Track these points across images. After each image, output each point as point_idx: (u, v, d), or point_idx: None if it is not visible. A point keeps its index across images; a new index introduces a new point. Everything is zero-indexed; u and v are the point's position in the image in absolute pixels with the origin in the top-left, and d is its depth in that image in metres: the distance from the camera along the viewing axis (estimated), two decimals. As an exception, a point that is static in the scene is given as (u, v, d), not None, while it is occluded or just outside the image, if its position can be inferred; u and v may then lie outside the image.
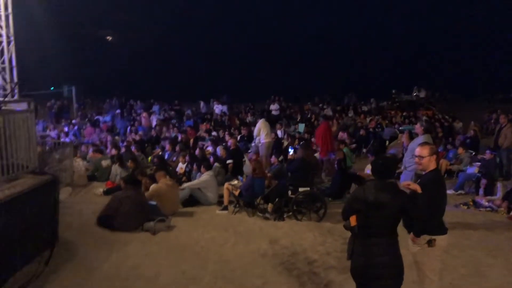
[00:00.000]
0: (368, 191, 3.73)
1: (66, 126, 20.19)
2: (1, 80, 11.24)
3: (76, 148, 12.84)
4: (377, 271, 3.69)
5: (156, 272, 5.74)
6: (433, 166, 4.25)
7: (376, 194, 3.67)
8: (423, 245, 4.11)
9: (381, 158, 4.14)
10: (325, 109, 23.87)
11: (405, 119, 19.81)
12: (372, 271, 3.70)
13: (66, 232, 6.98)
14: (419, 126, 7.99)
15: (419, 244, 4.13)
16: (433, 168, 4.24)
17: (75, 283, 5.39)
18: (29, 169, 6.25)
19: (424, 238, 4.09)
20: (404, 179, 7.70)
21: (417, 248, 4.16)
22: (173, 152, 13.04)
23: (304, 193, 8.28)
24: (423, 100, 24.95)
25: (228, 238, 7.13)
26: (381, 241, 3.72)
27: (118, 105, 27.54)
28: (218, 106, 24.88)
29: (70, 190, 10.02)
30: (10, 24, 11.02)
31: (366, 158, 13.42)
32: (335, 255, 6.34)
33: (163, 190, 8.31)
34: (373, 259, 3.69)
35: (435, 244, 4.08)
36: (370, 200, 3.66)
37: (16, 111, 6.43)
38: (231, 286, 5.37)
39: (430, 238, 4.08)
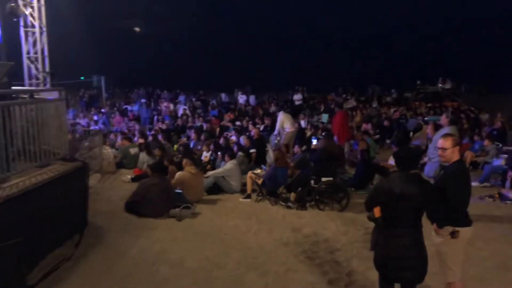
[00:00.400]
0: (393, 183, 3.72)
1: (95, 115, 20.62)
2: (33, 70, 11.58)
3: (105, 136, 13.15)
4: (401, 262, 3.70)
5: (181, 257, 5.89)
6: (457, 157, 4.20)
7: (402, 186, 3.66)
8: (446, 236, 4.09)
9: (403, 150, 4.13)
10: (348, 100, 23.65)
11: (430, 110, 19.47)
12: (396, 262, 3.72)
13: (95, 217, 7.20)
14: (444, 117, 7.90)
15: (442, 235, 4.11)
16: (456, 159, 4.19)
17: (104, 266, 5.57)
18: (60, 156, 6.42)
19: (447, 229, 4.07)
20: (429, 170, 7.66)
21: (440, 239, 4.15)
22: (198, 141, 13.21)
23: (326, 183, 8.31)
24: (449, 92, 24.38)
25: (251, 226, 7.23)
26: (406, 232, 3.72)
27: (145, 95, 27.95)
28: (243, 96, 24.94)
29: (99, 176, 10.27)
30: (42, 15, 11.32)
31: (389, 149, 13.31)
32: (357, 245, 6.37)
33: (188, 178, 8.46)
34: (397, 250, 3.71)
35: (458, 235, 4.04)
36: (396, 192, 3.65)
37: (48, 100, 6.61)
38: (254, 273, 5.47)
39: (453, 230, 4.05)
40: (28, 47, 11.48)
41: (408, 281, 3.84)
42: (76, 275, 5.28)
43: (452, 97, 23.81)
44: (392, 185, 3.70)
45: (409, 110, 19.76)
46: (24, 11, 11.09)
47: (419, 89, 25.56)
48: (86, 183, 6.81)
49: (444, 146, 4.18)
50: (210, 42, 46.23)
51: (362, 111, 19.50)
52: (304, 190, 8.45)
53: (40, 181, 5.45)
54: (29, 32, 11.40)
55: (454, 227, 4.06)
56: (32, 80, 11.58)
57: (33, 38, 11.43)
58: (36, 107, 5.97)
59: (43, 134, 6.06)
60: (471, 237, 4.31)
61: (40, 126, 6.00)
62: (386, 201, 3.74)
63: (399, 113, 18.00)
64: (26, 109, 5.96)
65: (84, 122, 17.99)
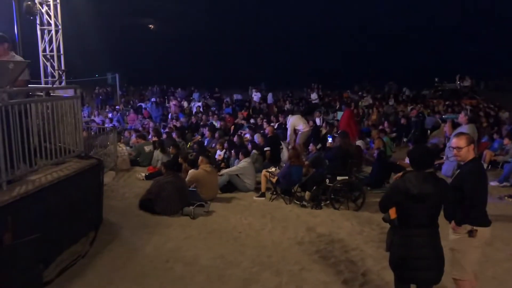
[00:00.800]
0: (410, 183, 3.63)
1: (110, 113, 20.80)
2: (49, 68, 11.69)
3: (119, 134, 13.23)
4: (417, 262, 3.63)
5: (195, 255, 5.88)
6: (472, 156, 4.14)
7: (419, 185, 3.59)
8: (463, 235, 4.04)
9: (417, 149, 4.05)
10: (364, 97, 23.46)
11: (448, 108, 19.20)
12: (412, 262, 3.65)
13: (109, 215, 7.25)
14: (463, 116, 7.77)
15: (460, 233, 4.06)
16: (472, 157, 4.13)
17: (118, 263, 5.59)
18: (75, 154, 6.45)
19: (465, 228, 4.02)
20: (447, 169, 7.53)
21: (456, 236, 4.10)
22: (212, 139, 13.22)
23: (342, 182, 8.22)
24: (468, 89, 23.98)
25: (265, 224, 7.20)
26: (422, 232, 3.65)
27: (159, 92, 28.10)
28: (257, 94, 24.91)
29: (113, 174, 10.34)
30: (58, 14, 11.41)
31: (406, 147, 13.17)
32: (372, 245, 6.29)
33: (202, 176, 8.46)
34: (413, 250, 3.64)
35: (476, 234, 3.99)
36: (413, 192, 3.57)
37: (64, 97, 6.65)
38: (268, 272, 5.43)
39: (471, 228, 4.00)
40: (44, 45, 11.60)
41: (424, 282, 3.77)
42: (91, 272, 5.31)
43: (470, 94, 23.44)
44: (409, 185, 3.62)
45: (426, 107, 19.51)
46: (40, 9, 11.20)
47: (437, 87, 25.20)
48: (101, 181, 6.84)
49: (458, 145, 4.13)
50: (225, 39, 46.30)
51: (379, 109, 19.31)
52: (319, 189, 8.38)
53: (56, 178, 5.48)
54: (45, 30, 11.52)
55: (473, 226, 4.01)
56: (48, 78, 11.71)
57: (48, 36, 11.55)
58: (52, 105, 6.02)
59: (58, 132, 6.09)
60: (489, 238, 4.23)
61: (56, 124, 6.04)
62: (402, 201, 3.67)
63: (417, 111, 17.78)
64: (42, 106, 6.01)
65: (99, 120, 18.16)
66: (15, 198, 4.63)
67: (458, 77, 24.44)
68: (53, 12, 11.32)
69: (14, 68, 4.97)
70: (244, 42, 46.62)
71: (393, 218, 3.76)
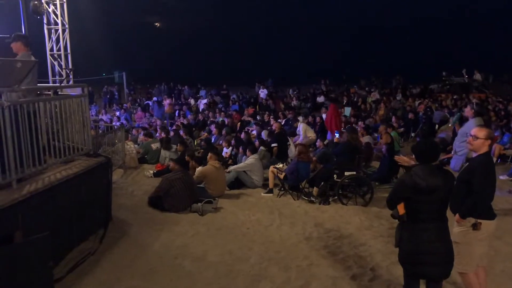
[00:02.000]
0: (417, 177, 3.60)
1: (117, 111, 20.87)
2: (57, 67, 11.76)
3: (127, 132, 13.29)
4: (427, 257, 3.62)
5: (203, 252, 5.90)
6: (485, 150, 4.11)
7: (427, 178, 3.56)
8: (467, 228, 4.04)
9: (422, 143, 4.02)
10: (372, 92, 23.35)
11: (456, 102, 19.03)
12: (421, 257, 3.63)
13: (118, 212, 7.30)
14: (469, 109, 7.68)
15: (464, 226, 4.06)
16: (484, 151, 4.10)
17: (128, 260, 5.62)
18: (84, 152, 6.49)
19: (469, 221, 4.02)
20: (455, 164, 7.48)
21: (460, 229, 4.10)
22: (220, 136, 13.24)
23: (350, 177, 8.20)
24: (478, 83, 23.71)
25: (273, 220, 7.20)
26: (431, 227, 3.63)
27: (167, 90, 28.16)
28: (263, 91, 24.89)
29: (122, 172, 10.39)
30: (65, 13, 11.46)
31: (414, 142, 13.09)
32: (381, 240, 6.28)
33: (210, 172, 8.47)
34: (422, 245, 3.62)
35: (480, 227, 3.99)
36: (421, 186, 3.54)
37: (71, 96, 6.69)
38: (276, 267, 5.44)
39: (475, 221, 4.00)
40: (51, 45, 11.67)
41: (434, 277, 3.75)
42: (101, 269, 5.35)
43: (480, 88, 23.21)
44: (417, 179, 3.59)
45: (434, 102, 19.37)
46: (47, 8, 11.26)
47: (445, 81, 24.96)
48: (110, 178, 6.87)
49: (476, 135, 4.11)
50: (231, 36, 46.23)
51: (386, 104, 19.21)
52: (327, 185, 8.37)
53: (64, 177, 5.51)
54: (52, 30, 11.58)
55: (477, 219, 4.01)
56: (55, 77, 11.78)
57: (56, 36, 11.61)
58: (60, 104, 6.05)
59: (66, 130, 6.14)
60: (494, 231, 4.22)
61: (64, 122, 6.07)
62: (411, 196, 3.63)
63: (424, 105, 17.66)
64: (50, 105, 6.05)
65: (107, 118, 18.25)
66: (25, 196, 4.67)
67: (465, 71, 24.20)
68: (59, 11, 11.37)
69: (21, 67, 5.00)
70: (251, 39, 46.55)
71: (401, 214, 3.73)
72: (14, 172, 4.78)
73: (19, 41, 5.75)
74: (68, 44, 11.72)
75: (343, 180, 8.17)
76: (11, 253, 4.20)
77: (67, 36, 11.66)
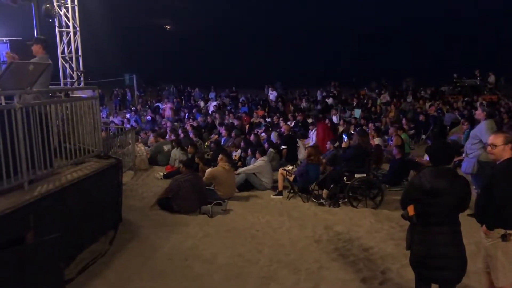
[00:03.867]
0: (424, 178, 3.58)
1: (128, 113, 20.99)
2: (68, 69, 11.87)
3: (137, 134, 13.35)
4: (438, 261, 3.56)
5: (213, 254, 5.90)
6: (508, 156, 3.90)
7: (432, 181, 3.52)
8: (496, 239, 3.82)
9: (436, 144, 3.99)
10: (382, 94, 23.23)
11: (467, 104, 18.84)
12: (433, 261, 3.58)
13: (129, 213, 7.33)
14: (480, 111, 7.57)
15: (493, 238, 3.84)
16: (508, 157, 3.90)
17: (138, 262, 5.64)
18: (95, 153, 6.53)
19: (498, 232, 3.79)
20: (466, 166, 7.38)
21: (490, 242, 3.87)
22: (229, 138, 13.24)
23: (360, 180, 8.15)
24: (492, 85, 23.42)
25: (282, 223, 7.18)
26: (442, 230, 3.58)
27: (176, 93, 28.28)
28: (273, 93, 24.88)
29: (132, 174, 10.43)
30: (76, 16, 11.58)
31: (425, 145, 12.99)
32: (392, 243, 6.23)
33: (220, 173, 8.47)
34: (433, 249, 3.57)
35: (510, 238, 3.76)
36: (426, 188, 3.52)
37: (82, 98, 6.74)
38: (286, 270, 5.42)
39: (505, 232, 3.76)
40: (62, 47, 11.79)
41: (445, 281, 3.69)
42: (111, 270, 5.37)
43: (492, 90, 22.97)
44: (423, 181, 3.57)
45: (445, 104, 19.20)
46: (59, 11, 11.38)
47: (456, 83, 24.75)
48: (120, 180, 6.91)
49: (494, 143, 3.94)
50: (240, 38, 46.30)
51: (397, 106, 19.09)
52: (337, 187, 8.33)
53: (76, 178, 5.56)
54: (63, 32, 11.70)
55: (506, 230, 3.78)
56: (66, 79, 11.89)
57: (67, 38, 11.73)
58: (71, 106, 6.10)
59: (77, 132, 6.18)
60: None
61: (75, 124, 6.12)
62: (419, 197, 3.61)
63: (435, 107, 17.52)
64: (61, 107, 6.10)
65: (118, 120, 18.37)
66: (36, 198, 4.71)
67: (478, 73, 23.96)
68: (71, 14, 11.50)
69: (34, 70, 5.04)
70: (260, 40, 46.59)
71: (411, 215, 3.70)
72: (26, 173, 4.82)
73: (39, 44, 6.01)
74: (79, 47, 11.84)
75: (353, 183, 8.12)
76: (23, 254, 4.23)
77: (78, 39, 11.78)
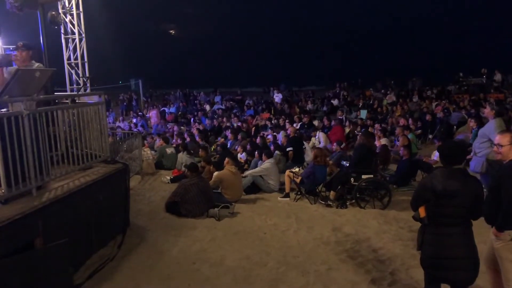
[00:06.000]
0: (436, 179, 3.54)
1: (134, 118, 21.08)
2: (74, 75, 11.94)
3: (143, 139, 13.40)
4: (449, 262, 3.52)
5: (221, 257, 5.90)
6: None
7: (444, 182, 3.48)
8: (507, 242, 3.77)
9: (447, 144, 3.94)
10: (388, 95, 23.16)
11: (474, 103, 18.71)
12: (444, 262, 3.54)
13: (136, 218, 7.36)
14: (489, 110, 7.50)
15: (503, 240, 3.79)
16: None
17: (146, 266, 5.65)
18: (102, 158, 6.56)
19: (509, 234, 3.75)
20: (475, 165, 7.32)
21: (501, 243, 3.82)
22: (235, 141, 13.26)
23: (367, 180, 8.12)
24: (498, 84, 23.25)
25: (290, 225, 7.17)
26: (454, 231, 3.54)
27: (182, 97, 28.39)
28: (278, 95, 24.89)
29: (139, 178, 10.47)
30: (81, 22, 11.66)
31: (432, 144, 12.93)
32: (400, 243, 6.19)
33: (227, 176, 8.47)
34: (445, 250, 3.53)
35: None
36: (438, 189, 3.47)
37: (89, 103, 6.77)
38: (294, 272, 5.41)
39: None
40: (68, 54, 11.88)
41: (457, 283, 3.64)
42: (119, 275, 5.38)
43: (500, 88, 22.83)
44: (435, 182, 3.52)
45: (451, 103, 19.10)
46: (64, 18, 11.46)
47: (462, 82, 24.60)
48: (128, 185, 6.93)
49: (500, 143, 3.88)
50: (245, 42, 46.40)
51: (403, 106, 19.02)
52: (344, 188, 8.29)
53: (83, 183, 5.59)
54: (69, 39, 11.78)
55: None
56: (73, 85, 11.97)
57: (73, 45, 11.81)
58: (78, 111, 6.14)
59: (84, 138, 6.21)
60: None
61: (82, 130, 6.15)
62: (432, 198, 3.55)
63: (442, 107, 17.44)
64: (68, 113, 6.14)
65: (124, 125, 18.44)
66: (44, 203, 4.74)
67: (485, 71, 23.81)
68: (76, 21, 11.58)
69: (40, 76, 5.08)
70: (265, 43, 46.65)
71: (422, 217, 3.65)
72: (34, 179, 4.85)
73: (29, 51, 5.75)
74: (85, 53, 11.92)
75: (361, 184, 8.09)
76: (32, 259, 4.26)
77: (83, 45, 11.86)
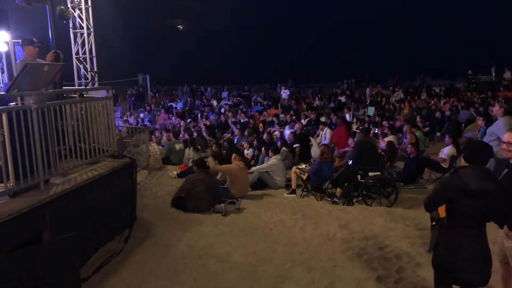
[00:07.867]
0: (468, 179, 3.33)
1: (141, 113, 21.15)
2: (82, 70, 11.99)
3: (151, 134, 13.43)
4: (465, 264, 3.43)
5: (227, 252, 5.91)
6: None
7: (480, 181, 3.31)
8: None
9: (476, 143, 3.76)
10: (396, 92, 23.02)
11: (482, 101, 18.56)
12: (460, 264, 3.44)
13: (143, 212, 7.39)
14: (498, 108, 7.43)
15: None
16: None
17: (153, 260, 5.68)
18: (109, 153, 6.59)
19: None
20: (484, 164, 7.25)
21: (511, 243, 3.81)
22: (242, 137, 13.26)
23: (374, 178, 8.08)
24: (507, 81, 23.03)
25: (296, 221, 7.16)
26: (470, 233, 3.44)
27: (189, 92, 28.42)
28: (285, 91, 24.85)
29: (146, 173, 10.51)
30: (90, 17, 11.69)
31: (440, 142, 12.86)
32: (406, 241, 6.16)
33: (235, 170, 8.47)
34: (462, 252, 3.43)
35: None
36: (472, 189, 3.29)
37: (96, 98, 6.80)
38: (300, 268, 5.41)
39: None
40: (76, 48, 11.92)
41: (472, 284, 3.55)
42: (126, 269, 5.41)
43: (509, 86, 22.63)
44: (468, 181, 3.32)
45: (460, 101, 18.96)
46: (73, 13, 11.50)
47: (471, 79, 24.39)
48: (135, 179, 6.96)
49: (510, 141, 3.83)
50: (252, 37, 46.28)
51: (411, 103, 18.91)
52: (351, 185, 8.27)
53: (91, 178, 5.61)
54: (77, 34, 11.82)
55: None
56: (81, 79, 12.01)
57: (81, 39, 11.86)
58: (86, 106, 6.16)
59: (92, 132, 6.24)
60: None
61: (90, 124, 6.18)
62: (456, 198, 3.39)
63: (450, 104, 17.32)
64: (76, 107, 6.17)
65: (132, 120, 18.52)
66: (52, 197, 4.76)
67: (494, 69, 23.59)
68: (85, 15, 11.61)
69: (48, 71, 5.10)
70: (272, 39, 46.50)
71: (442, 217, 3.51)
72: (42, 173, 4.88)
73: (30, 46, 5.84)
74: (93, 48, 11.95)
75: (367, 181, 8.06)
76: (39, 252, 4.29)
77: (92, 40, 11.89)
